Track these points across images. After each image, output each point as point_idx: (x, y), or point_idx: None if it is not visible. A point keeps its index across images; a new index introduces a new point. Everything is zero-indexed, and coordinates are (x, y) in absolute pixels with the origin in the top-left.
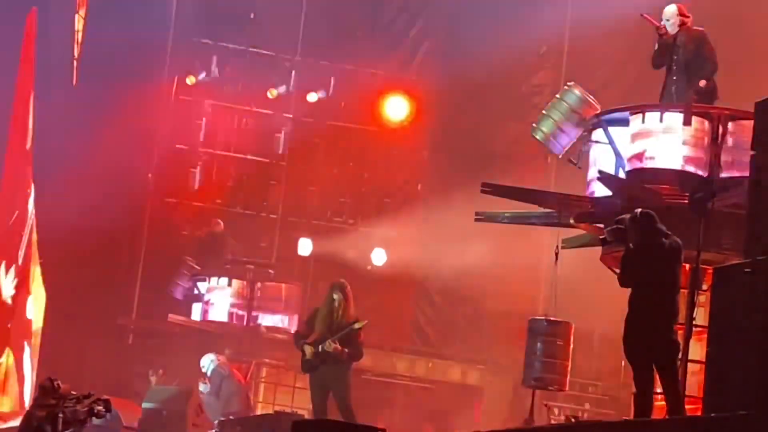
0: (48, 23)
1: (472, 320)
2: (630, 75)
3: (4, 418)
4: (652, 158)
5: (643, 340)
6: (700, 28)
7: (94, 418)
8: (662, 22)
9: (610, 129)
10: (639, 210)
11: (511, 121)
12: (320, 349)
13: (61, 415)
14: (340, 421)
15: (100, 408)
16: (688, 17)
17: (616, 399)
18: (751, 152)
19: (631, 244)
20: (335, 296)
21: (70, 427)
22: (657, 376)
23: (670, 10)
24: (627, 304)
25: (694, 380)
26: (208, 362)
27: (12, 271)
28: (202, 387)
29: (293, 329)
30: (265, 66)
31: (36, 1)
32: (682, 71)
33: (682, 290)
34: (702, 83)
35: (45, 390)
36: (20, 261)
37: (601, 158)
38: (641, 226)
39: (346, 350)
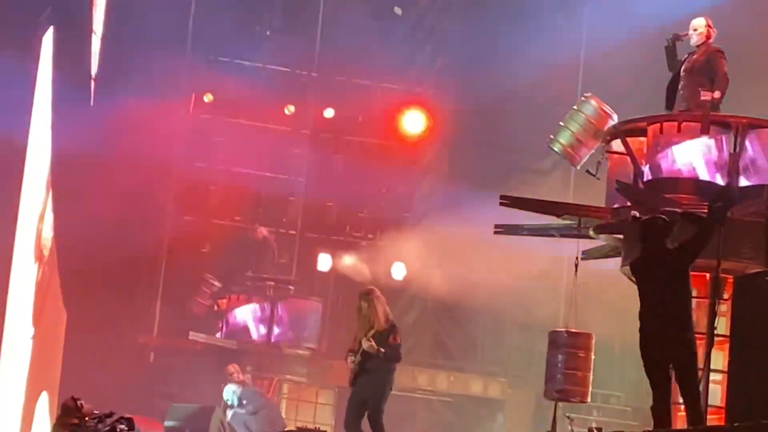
0: (65, 43)
1: (493, 333)
2: (647, 85)
3: None
4: (670, 168)
5: (658, 345)
6: (719, 47)
7: None
8: (690, 32)
9: (628, 139)
10: (647, 217)
11: (528, 133)
12: (358, 357)
13: None
14: None
15: (122, 426)
16: (714, 32)
17: (638, 410)
18: None
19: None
20: (362, 304)
21: None
22: (676, 387)
23: (700, 22)
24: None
25: (716, 389)
26: (230, 393)
27: None
28: (230, 413)
29: (314, 345)
30: (281, 83)
31: (53, 22)
32: (690, 83)
33: (702, 299)
34: (714, 94)
35: (68, 409)
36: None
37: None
38: (645, 233)
39: (382, 350)
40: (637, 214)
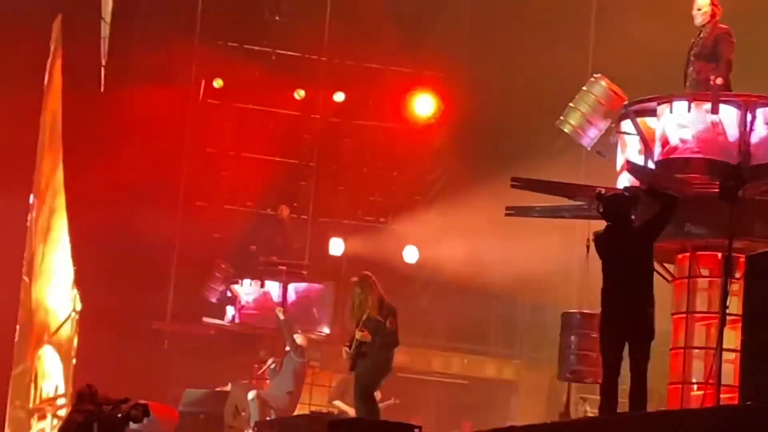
0: (74, 30)
1: (506, 315)
2: (657, 65)
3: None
4: (681, 147)
5: (620, 321)
6: (724, 26)
7: (131, 423)
8: (694, 11)
9: (638, 119)
10: (609, 194)
11: (538, 114)
12: (353, 346)
13: (97, 421)
14: (377, 420)
15: (137, 413)
16: (718, 10)
17: (651, 390)
18: None
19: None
20: (356, 290)
21: None
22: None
23: (703, 0)
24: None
25: (729, 369)
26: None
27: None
28: (251, 394)
29: (326, 330)
30: (291, 67)
31: (62, 9)
32: (698, 66)
33: (715, 279)
34: (718, 80)
35: (82, 396)
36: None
37: (629, 149)
38: (608, 209)
39: (376, 338)
40: (602, 191)
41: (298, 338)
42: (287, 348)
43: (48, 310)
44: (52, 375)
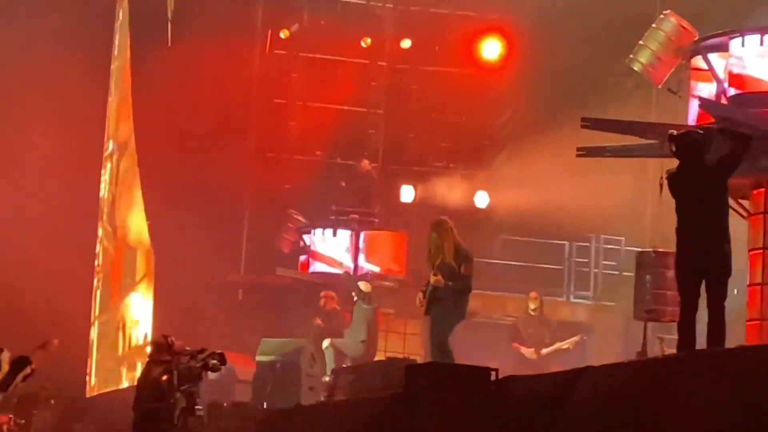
0: None
1: (579, 257)
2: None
3: None
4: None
5: (694, 259)
6: None
7: (209, 373)
8: None
9: (709, 55)
10: (681, 133)
11: (607, 53)
12: (427, 291)
13: (176, 371)
14: (453, 364)
15: (215, 362)
16: None
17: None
18: None
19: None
20: (432, 235)
21: (186, 382)
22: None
23: None
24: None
25: None
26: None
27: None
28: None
29: (400, 277)
30: (357, 15)
31: None
32: None
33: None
34: None
35: (159, 346)
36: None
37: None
38: (681, 148)
39: (449, 283)
40: (674, 132)
41: (363, 285)
42: (354, 298)
43: (131, 259)
44: (140, 323)
